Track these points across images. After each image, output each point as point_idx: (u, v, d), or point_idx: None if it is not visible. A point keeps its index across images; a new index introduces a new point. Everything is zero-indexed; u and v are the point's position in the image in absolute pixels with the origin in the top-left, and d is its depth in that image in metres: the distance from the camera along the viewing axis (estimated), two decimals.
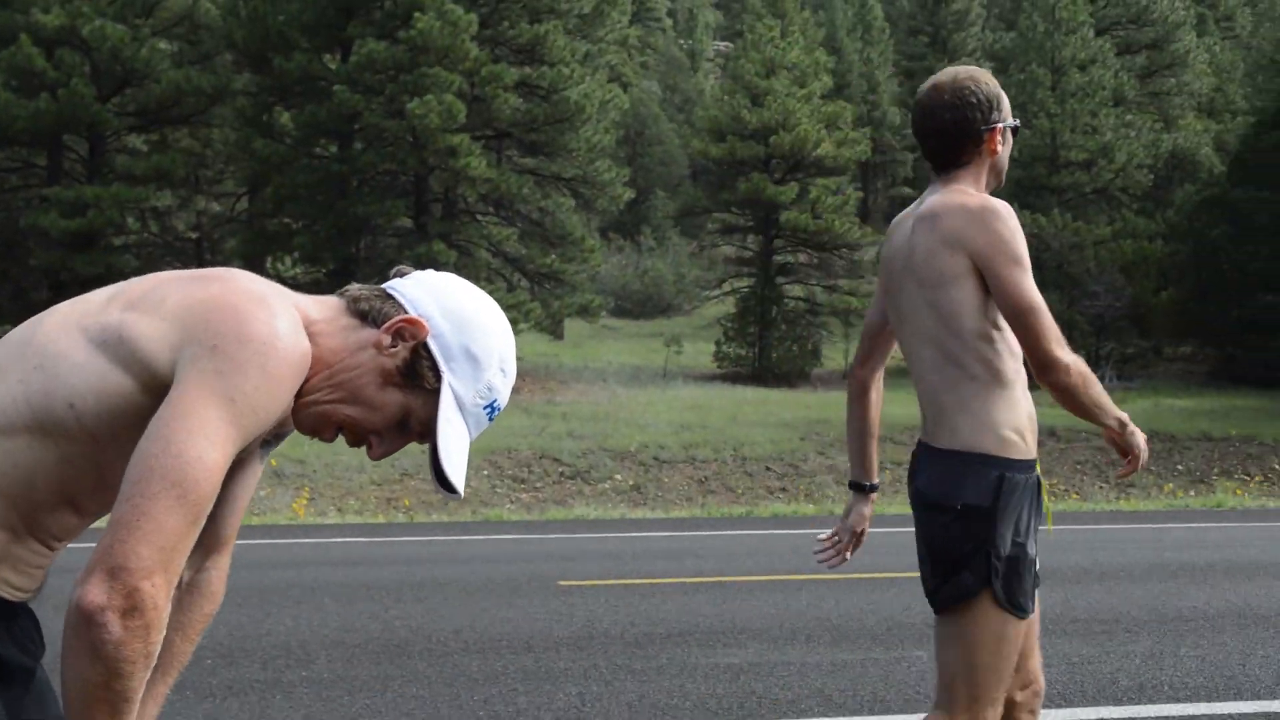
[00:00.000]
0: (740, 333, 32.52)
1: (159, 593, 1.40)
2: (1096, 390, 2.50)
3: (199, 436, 1.43)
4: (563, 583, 7.82)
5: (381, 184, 28.56)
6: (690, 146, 39.05)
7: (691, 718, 4.35)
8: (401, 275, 1.73)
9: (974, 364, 2.49)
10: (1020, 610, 2.50)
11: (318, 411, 1.62)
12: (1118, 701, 4.59)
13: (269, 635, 5.93)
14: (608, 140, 30.06)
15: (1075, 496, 18.61)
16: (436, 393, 1.63)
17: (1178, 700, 4.60)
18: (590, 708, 4.50)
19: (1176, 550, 9.94)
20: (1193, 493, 18.60)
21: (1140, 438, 2.58)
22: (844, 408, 2.98)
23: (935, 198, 2.58)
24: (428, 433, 1.64)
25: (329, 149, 28.47)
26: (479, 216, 29.70)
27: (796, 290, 34.32)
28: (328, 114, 26.09)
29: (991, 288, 2.47)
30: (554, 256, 28.81)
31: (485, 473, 18.56)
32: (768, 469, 20.19)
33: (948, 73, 2.67)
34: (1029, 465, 2.54)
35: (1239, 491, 18.38)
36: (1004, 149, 2.65)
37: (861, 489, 2.90)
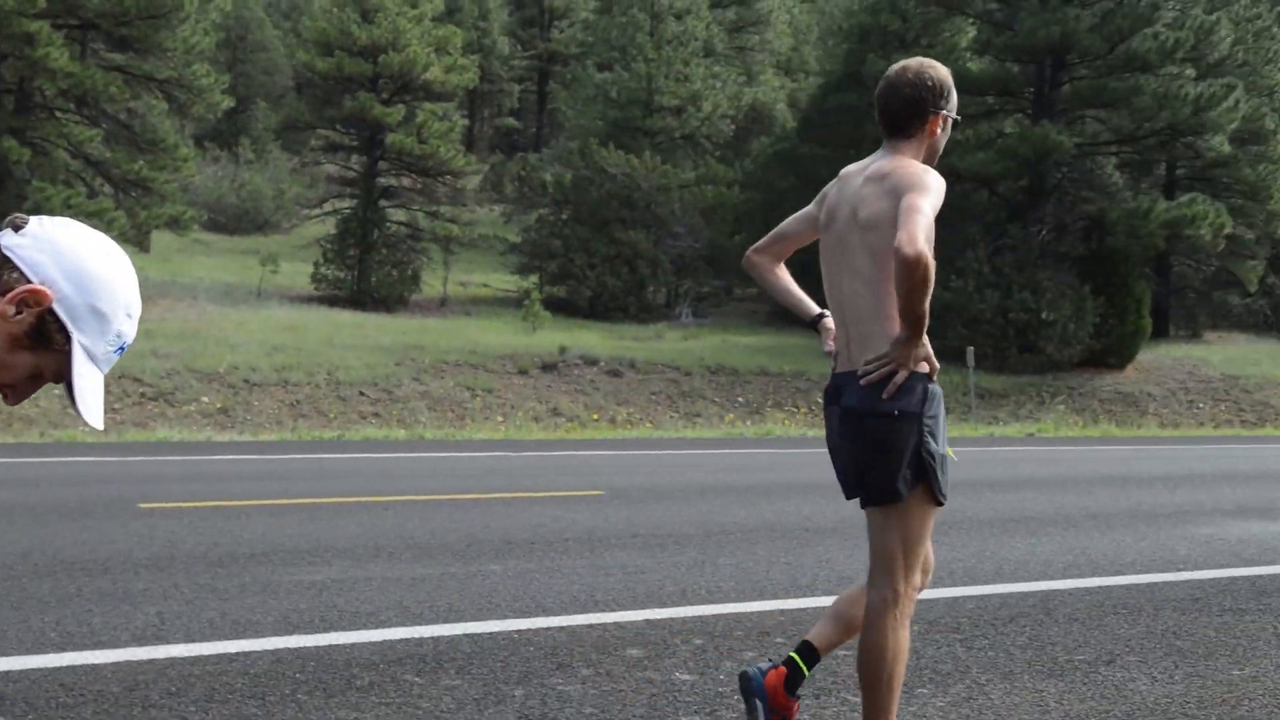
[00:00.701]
0: (340, 254, 31.97)
1: None
2: (924, 302, 2.83)
3: None
4: (143, 505, 7.70)
5: None
6: (296, 58, 37.56)
7: (273, 631, 4.56)
8: (17, 228, 1.73)
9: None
10: (941, 499, 3.07)
11: None
12: (663, 605, 5.22)
13: None
14: (207, 42, 28.44)
15: (649, 425, 19.97)
16: (67, 351, 1.70)
17: (713, 602, 5.28)
18: (170, 625, 4.60)
19: (728, 473, 11.12)
20: (749, 422, 20.50)
21: (912, 362, 2.94)
22: (441, 334, 3.32)
23: (885, 161, 3.08)
24: (61, 379, 1.73)
25: None
26: (58, 113, 27.29)
27: (399, 214, 34.12)
28: None
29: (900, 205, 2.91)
30: (142, 163, 27.00)
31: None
32: (361, 393, 20.20)
33: (915, 60, 3.17)
34: (935, 381, 3.08)
35: (787, 421, 20.46)
36: (942, 135, 3.17)
37: (819, 319, 3.42)
